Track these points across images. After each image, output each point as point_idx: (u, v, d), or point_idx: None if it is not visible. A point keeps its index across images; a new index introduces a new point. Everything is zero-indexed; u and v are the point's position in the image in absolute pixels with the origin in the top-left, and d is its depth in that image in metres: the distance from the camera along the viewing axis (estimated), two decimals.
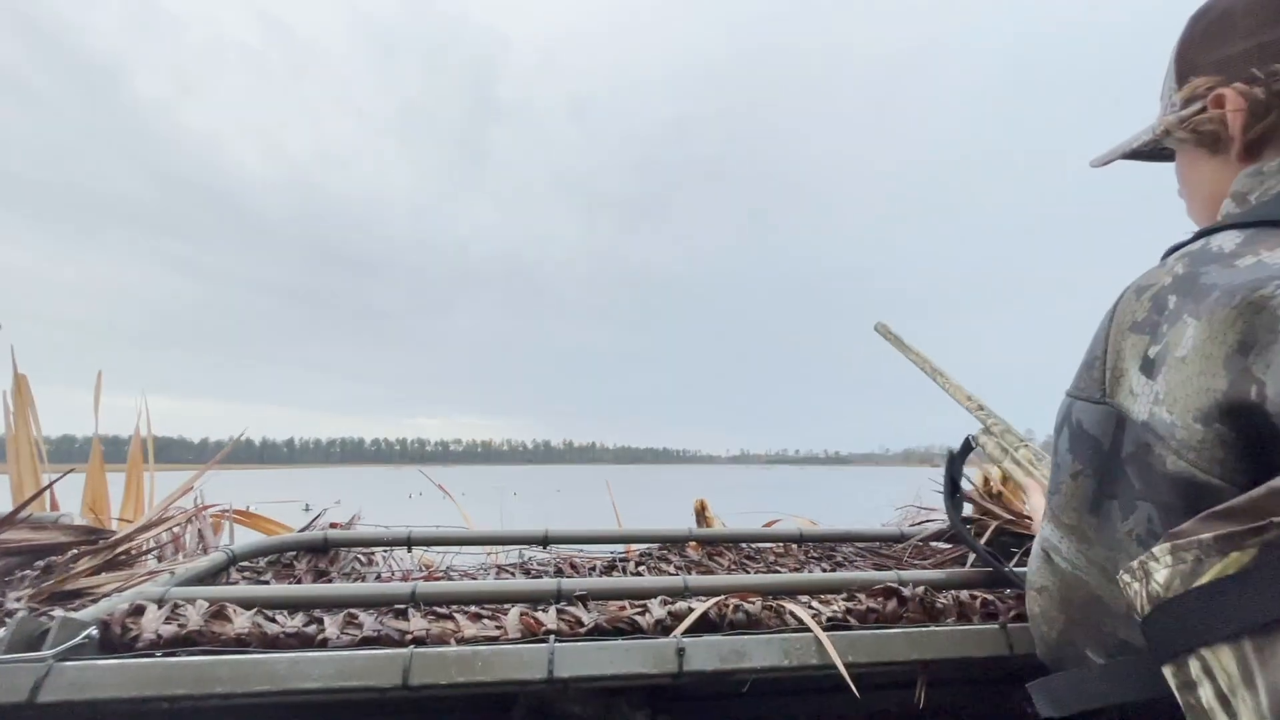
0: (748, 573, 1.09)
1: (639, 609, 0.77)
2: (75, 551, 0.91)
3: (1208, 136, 0.62)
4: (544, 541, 1.11)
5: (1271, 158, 0.57)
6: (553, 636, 0.70)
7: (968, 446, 1.03)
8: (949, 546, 1.21)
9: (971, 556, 1.08)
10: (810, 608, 0.79)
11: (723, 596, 0.79)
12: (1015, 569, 0.88)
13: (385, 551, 1.20)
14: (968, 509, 1.26)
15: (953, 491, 1.01)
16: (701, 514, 1.38)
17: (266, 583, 0.97)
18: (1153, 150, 0.71)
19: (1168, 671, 0.41)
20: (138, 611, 0.69)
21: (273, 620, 0.71)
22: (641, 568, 1.12)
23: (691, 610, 0.75)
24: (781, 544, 1.23)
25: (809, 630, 0.73)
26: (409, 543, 1.11)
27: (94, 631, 0.65)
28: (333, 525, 1.23)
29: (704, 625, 0.75)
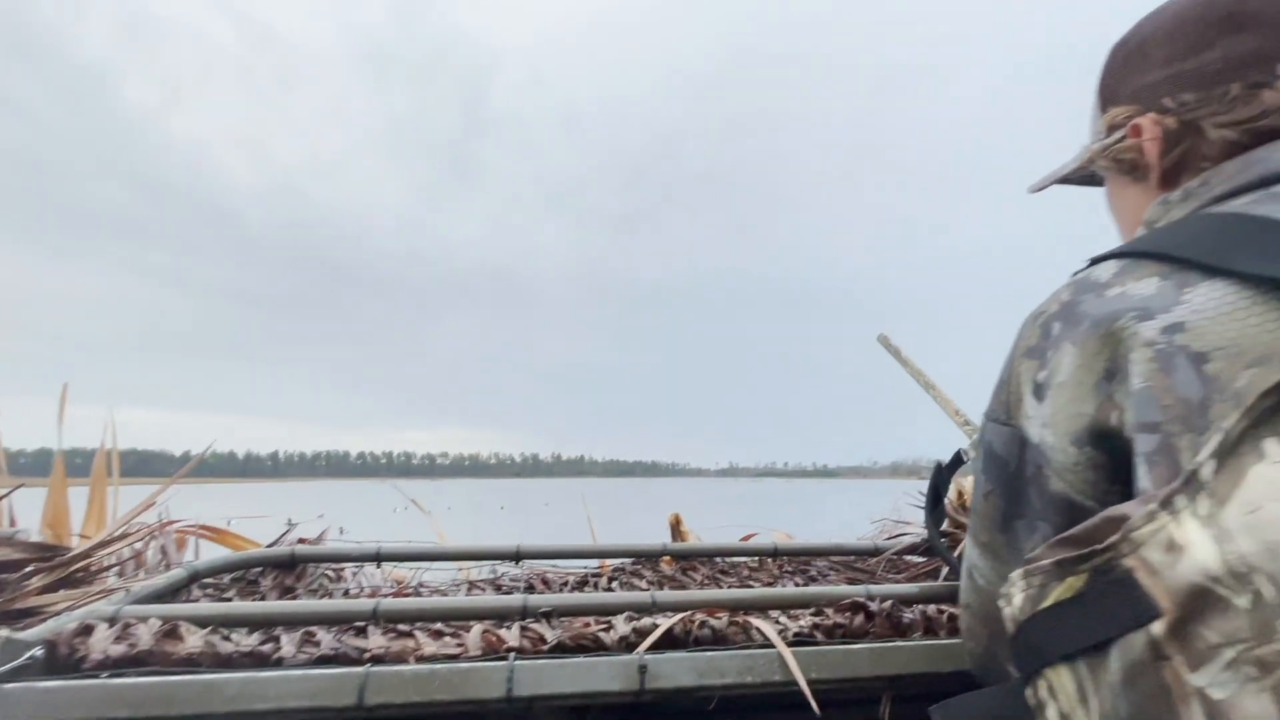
0: (720, 588, 1.08)
1: (604, 625, 0.76)
2: (29, 569, 0.89)
3: (1127, 164, 0.63)
4: (516, 557, 1.10)
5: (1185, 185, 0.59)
6: (513, 654, 0.69)
7: (958, 460, 1.03)
8: (923, 559, 1.21)
9: (944, 570, 1.08)
10: (778, 623, 0.78)
11: (689, 612, 0.78)
12: None
13: (355, 568, 1.18)
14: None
15: (934, 503, 1.01)
16: (676, 528, 1.37)
17: (229, 600, 0.95)
18: (1084, 176, 0.73)
19: (1027, 692, 0.43)
20: (86, 631, 0.67)
21: (228, 639, 0.69)
22: (614, 583, 1.10)
23: (657, 626, 0.74)
24: (756, 558, 1.23)
25: (774, 646, 0.73)
26: (378, 558, 1.09)
27: (39, 652, 0.63)
28: (301, 541, 1.21)
29: (670, 642, 0.74)
